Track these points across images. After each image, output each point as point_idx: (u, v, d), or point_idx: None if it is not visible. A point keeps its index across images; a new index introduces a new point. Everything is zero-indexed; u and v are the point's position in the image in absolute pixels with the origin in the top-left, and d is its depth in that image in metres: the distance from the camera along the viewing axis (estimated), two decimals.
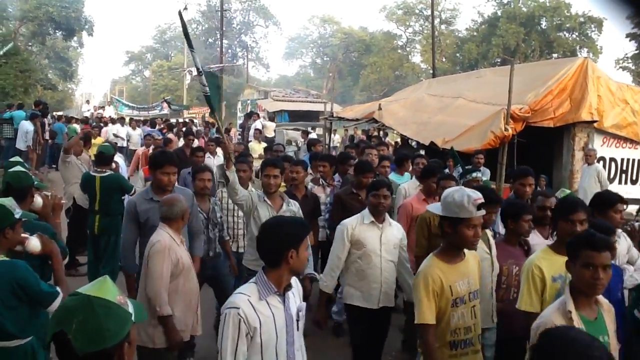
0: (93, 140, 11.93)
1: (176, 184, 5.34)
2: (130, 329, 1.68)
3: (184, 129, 19.01)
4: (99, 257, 6.67)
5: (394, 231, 4.65)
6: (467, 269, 3.45)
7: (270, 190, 4.97)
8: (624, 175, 11.00)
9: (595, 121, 10.13)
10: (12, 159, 5.51)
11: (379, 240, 4.51)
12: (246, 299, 2.70)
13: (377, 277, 4.48)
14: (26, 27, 38.80)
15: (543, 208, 4.44)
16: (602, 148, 10.52)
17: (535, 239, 4.30)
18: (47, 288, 3.36)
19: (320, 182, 6.78)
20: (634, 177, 11.10)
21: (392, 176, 7.35)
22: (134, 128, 19.96)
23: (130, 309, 1.71)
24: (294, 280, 2.94)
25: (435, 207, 3.55)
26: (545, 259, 3.49)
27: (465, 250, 3.46)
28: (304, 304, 2.96)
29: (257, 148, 12.86)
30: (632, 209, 10.34)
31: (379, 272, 4.48)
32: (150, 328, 3.91)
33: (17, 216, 3.39)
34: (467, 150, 9.48)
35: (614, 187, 10.43)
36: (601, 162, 10.44)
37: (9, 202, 3.44)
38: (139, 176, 8.02)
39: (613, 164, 10.86)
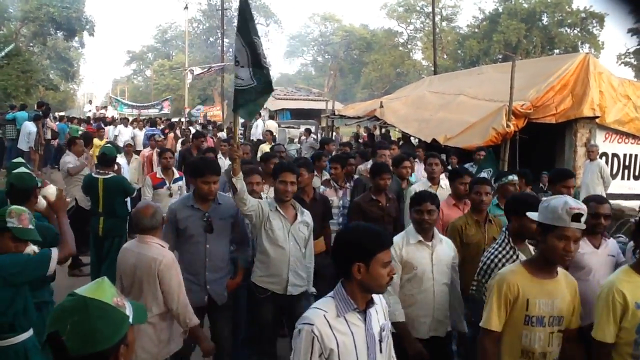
0: (98, 142, 11.83)
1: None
2: (127, 331, 1.65)
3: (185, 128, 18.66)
4: (101, 259, 6.64)
5: (446, 249, 4.11)
6: (555, 289, 3.07)
7: (286, 198, 4.50)
8: (626, 171, 10.99)
9: (597, 117, 10.12)
10: (14, 160, 5.51)
11: (430, 260, 3.99)
12: (322, 314, 2.42)
13: (428, 303, 3.94)
14: (27, 27, 38.81)
15: (596, 215, 3.91)
16: (605, 144, 10.51)
17: (585, 247, 3.89)
18: (32, 257, 3.39)
19: (332, 184, 6.46)
20: (637, 173, 11.08)
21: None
22: (140, 129, 19.08)
23: (128, 311, 1.69)
24: (378, 296, 2.62)
25: (534, 213, 3.16)
26: (628, 282, 3.04)
27: (561, 270, 3.13)
28: (388, 322, 2.68)
29: (267, 150, 12.74)
30: (635, 204, 10.35)
31: (431, 297, 3.94)
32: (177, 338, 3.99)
33: (8, 225, 3.38)
34: (469, 147, 9.48)
35: (617, 183, 10.44)
36: (603, 158, 10.44)
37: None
38: (147, 183, 7.36)
39: (615, 160, 10.85)
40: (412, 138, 13.63)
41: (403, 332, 3.84)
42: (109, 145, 8.12)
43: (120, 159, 9.46)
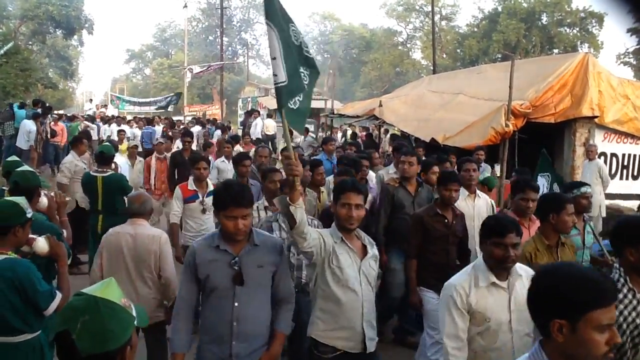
0: (120, 147, 11.41)
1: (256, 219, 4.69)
2: (132, 333, 1.67)
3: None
4: None
5: (526, 287, 2.74)
6: None
7: (351, 226, 3.49)
8: (625, 171, 10.98)
9: (597, 117, 10.11)
10: (9, 159, 5.53)
11: (508, 308, 3.07)
12: None
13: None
14: (26, 26, 38.84)
15: None
16: (603, 143, 10.50)
17: None
18: (46, 289, 3.34)
19: None
20: (635, 173, 11.08)
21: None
22: (140, 128, 18.45)
23: (134, 313, 1.71)
24: None
25: None
26: None
27: None
28: None
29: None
30: (633, 204, 10.37)
31: (509, 352, 3.03)
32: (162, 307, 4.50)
33: (28, 216, 3.43)
34: (468, 147, 9.47)
35: (615, 183, 10.45)
36: (602, 158, 10.43)
37: (22, 200, 3.47)
38: (176, 195, 6.35)
39: (614, 160, 10.84)
40: (411, 137, 13.62)
41: None
42: (107, 143, 8.11)
43: (119, 158, 9.45)
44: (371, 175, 7.41)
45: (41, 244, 3.53)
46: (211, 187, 6.23)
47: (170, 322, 3.75)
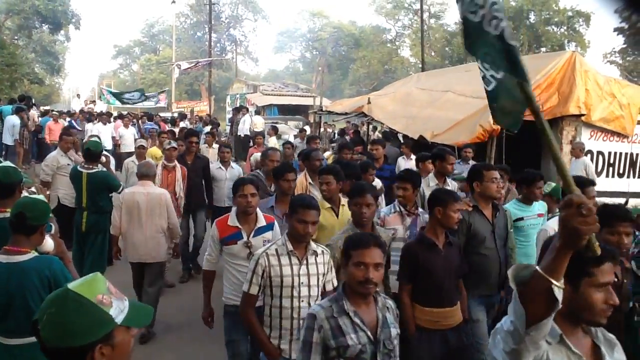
0: (156, 152, 9.33)
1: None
2: (111, 331, 1.57)
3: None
4: (84, 254, 6.63)
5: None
6: None
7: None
8: (611, 169, 11.07)
9: (583, 115, 10.18)
10: None
11: None
12: None
13: None
14: (12, 20, 38.44)
15: None
16: (590, 141, 10.58)
17: None
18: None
19: (397, 208, 4.92)
20: (621, 171, 11.18)
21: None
22: (126, 126, 16.70)
23: (115, 311, 1.59)
24: None
25: None
26: None
27: None
28: None
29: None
30: (619, 202, 10.44)
31: None
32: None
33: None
34: (456, 144, 9.50)
35: (602, 181, 10.52)
36: (589, 156, 10.51)
37: (44, 198, 3.47)
38: (212, 235, 4.47)
39: (600, 158, 10.93)
40: (398, 134, 13.64)
41: None
42: (95, 139, 7.96)
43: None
44: (377, 182, 6.44)
45: (50, 242, 3.59)
46: (262, 221, 4.43)
47: (179, 256, 6.81)
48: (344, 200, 4.88)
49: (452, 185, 6.15)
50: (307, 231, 3.44)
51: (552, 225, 4.16)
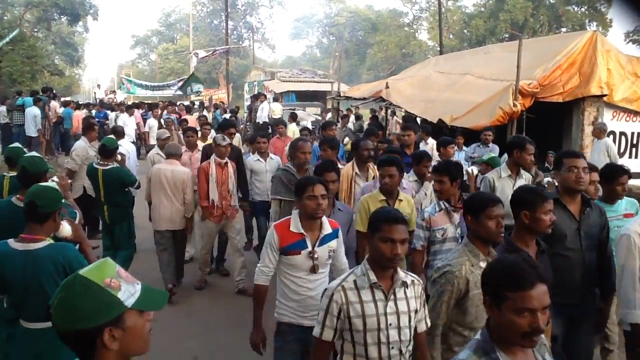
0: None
1: None
2: (121, 314, 1.58)
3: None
4: (114, 243, 6.79)
5: None
6: None
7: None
8: (634, 149, 10.92)
9: (605, 95, 10.04)
10: (12, 145, 5.56)
11: None
12: None
13: None
14: (31, 13, 38.77)
15: None
16: (612, 122, 10.44)
17: None
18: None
19: (442, 205, 4.49)
20: None
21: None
22: (155, 117, 16.80)
23: (124, 294, 1.60)
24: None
25: None
26: None
27: None
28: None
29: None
30: None
31: None
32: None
33: (63, 200, 3.55)
34: (476, 127, 9.45)
35: (624, 161, 10.36)
36: (611, 137, 10.38)
37: (56, 185, 3.52)
38: (270, 242, 3.64)
39: (623, 138, 10.78)
40: (417, 119, 13.59)
41: None
42: (110, 136, 7.96)
43: (128, 146, 9.34)
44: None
45: (67, 227, 3.60)
46: (328, 227, 3.71)
47: (190, 231, 7.37)
48: (402, 195, 4.74)
49: (526, 177, 5.31)
50: (395, 252, 2.70)
51: (637, 229, 3.64)
